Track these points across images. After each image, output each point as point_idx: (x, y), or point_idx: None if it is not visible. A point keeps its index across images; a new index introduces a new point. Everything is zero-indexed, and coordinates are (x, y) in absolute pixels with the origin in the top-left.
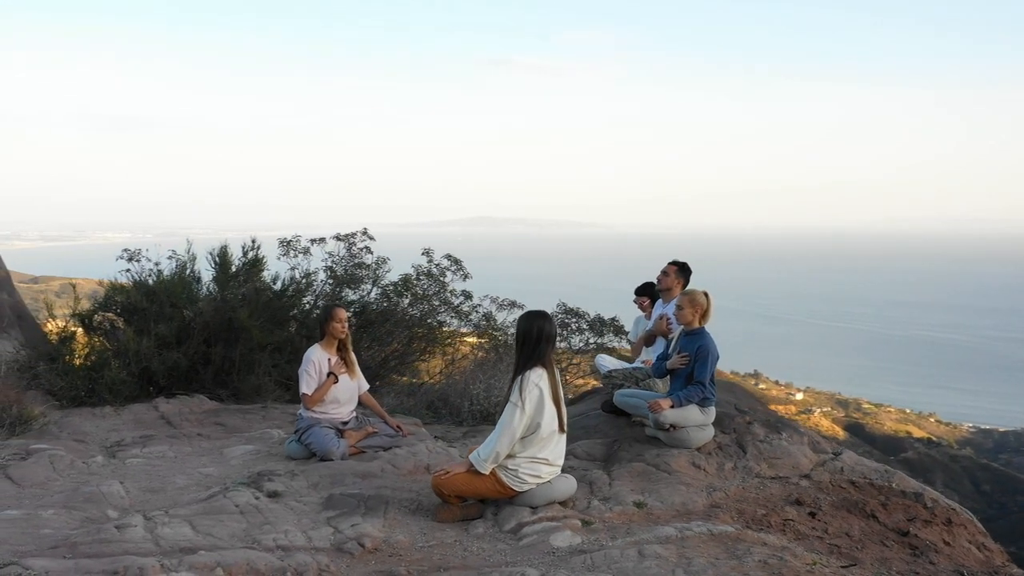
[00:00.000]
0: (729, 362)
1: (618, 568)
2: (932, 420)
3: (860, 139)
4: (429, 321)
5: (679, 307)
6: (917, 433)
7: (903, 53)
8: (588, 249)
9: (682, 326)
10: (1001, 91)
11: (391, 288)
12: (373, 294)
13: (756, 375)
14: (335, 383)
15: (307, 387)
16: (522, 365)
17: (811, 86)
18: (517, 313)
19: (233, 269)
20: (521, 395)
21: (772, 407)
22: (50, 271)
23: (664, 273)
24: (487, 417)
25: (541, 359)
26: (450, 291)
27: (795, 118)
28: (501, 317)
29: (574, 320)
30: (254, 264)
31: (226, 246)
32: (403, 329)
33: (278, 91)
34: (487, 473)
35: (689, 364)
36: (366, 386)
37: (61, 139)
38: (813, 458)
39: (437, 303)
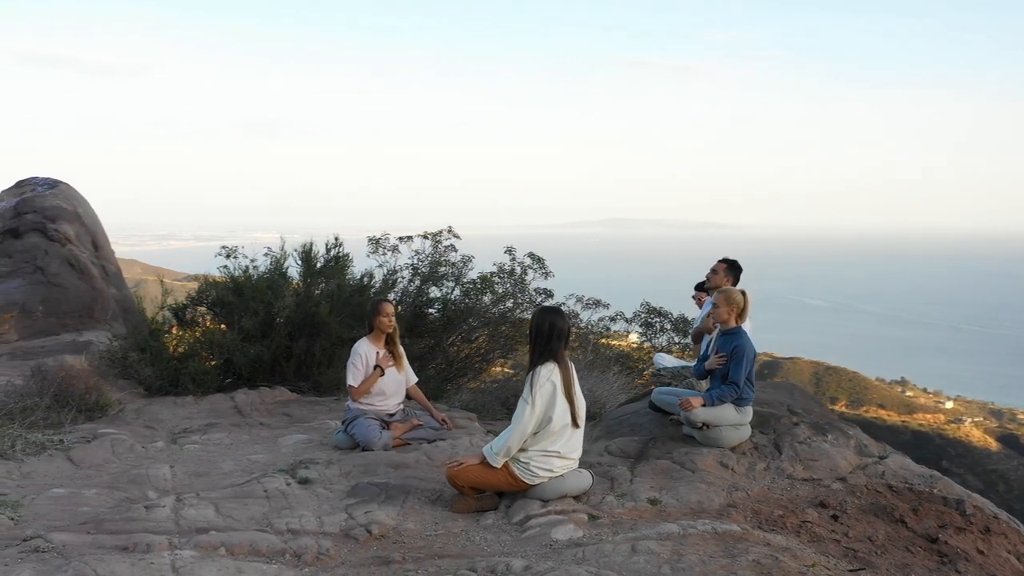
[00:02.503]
0: (874, 368)
1: (606, 562)
2: None
3: (995, 139)
4: (510, 318)
5: (715, 306)
6: None
7: None
8: (722, 250)
9: (720, 325)
10: None
11: (471, 286)
12: (456, 292)
13: (903, 382)
14: (381, 376)
15: (353, 379)
16: (535, 361)
17: (939, 92)
18: (602, 312)
19: (318, 266)
20: (532, 391)
21: (919, 416)
22: (202, 269)
23: (713, 271)
24: None
25: (554, 355)
26: (534, 290)
27: (929, 119)
28: (586, 316)
29: (658, 320)
30: (336, 261)
31: (311, 243)
32: (485, 326)
33: (414, 91)
34: (499, 466)
35: (726, 364)
36: (414, 379)
37: (213, 143)
38: (854, 461)
39: (514, 303)
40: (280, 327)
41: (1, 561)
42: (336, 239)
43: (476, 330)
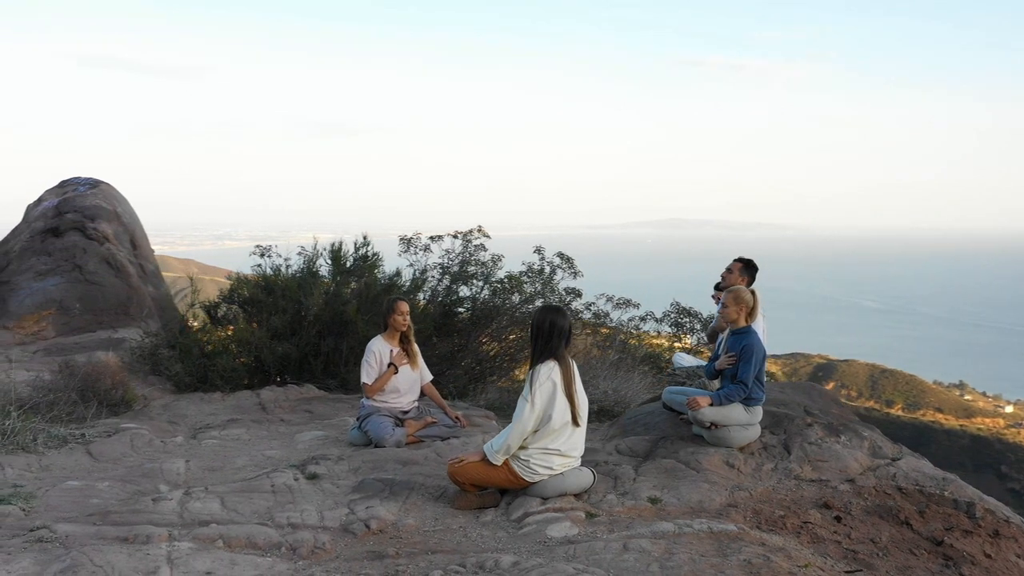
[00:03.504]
0: (931, 371)
1: (595, 559)
2: None
3: None
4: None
5: (724, 305)
6: None
7: None
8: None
9: (729, 325)
10: None
11: (498, 285)
12: (485, 291)
13: (961, 386)
14: (395, 373)
15: (367, 376)
16: (535, 359)
17: (997, 92)
18: (632, 312)
19: (347, 265)
20: (531, 389)
21: (978, 420)
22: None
23: (728, 270)
24: None
25: (554, 353)
26: (563, 289)
27: (988, 120)
28: (616, 316)
29: (687, 320)
30: (365, 260)
31: (341, 242)
32: (515, 326)
33: (470, 90)
34: (499, 464)
35: (735, 363)
36: (429, 377)
37: (271, 143)
38: (865, 462)
39: (544, 302)
40: (309, 325)
41: (5, 550)
42: (364, 238)
43: (505, 329)
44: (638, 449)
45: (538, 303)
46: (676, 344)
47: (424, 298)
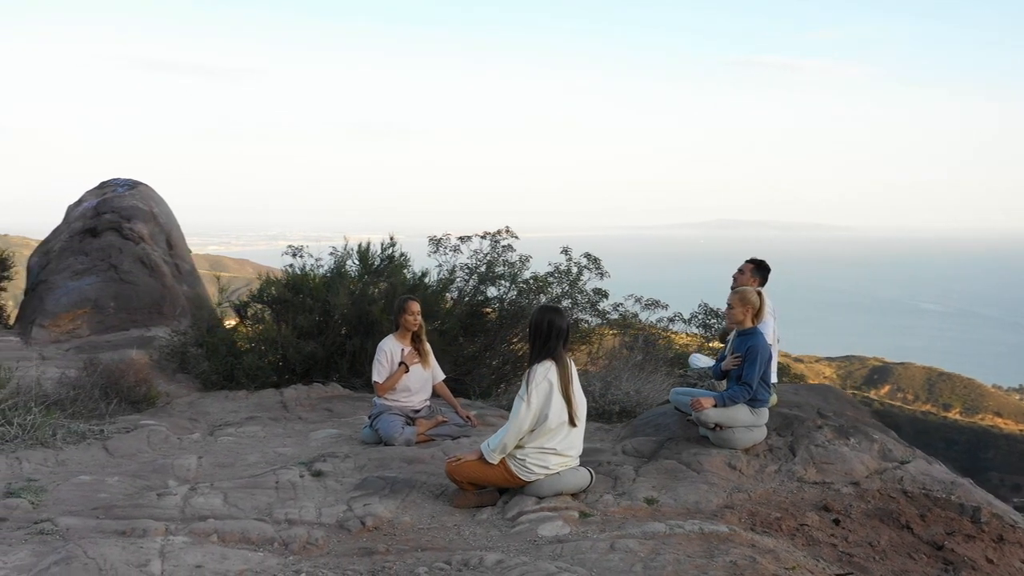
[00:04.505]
0: (991, 374)
1: (581, 559)
2: None
3: None
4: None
5: (729, 306)
6: None
7: None
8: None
9: (735, 326)
10: None
11: (523, 285)
12: (512, 292)
13: (1021, 390)
14: (406, 372)
15: (378, 375)
16: (533, 359)
17: None
18: (660, 313)
19: (374, 265)
20: (528, 389)
21: None
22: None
23: (740, 271)
24: (601, 415)
25: (552, 353)
26: (593, 290)
27: None
28: (644, 316)
29: (715, 321)
30: (391, 260)
31: (369, 243)
32: None
33: (520, 90)
34: (495, 463)
35: (740, 364)
36: (441, 376)
37: (325, 144)
38: (872, 465)
39: (572, 303)
40: (335, 325)
41: (7, 542)
42: (391, 239)
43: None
44: (643, 450)
45: (565, 303)
46: (707, 345)
47: (451, 299)
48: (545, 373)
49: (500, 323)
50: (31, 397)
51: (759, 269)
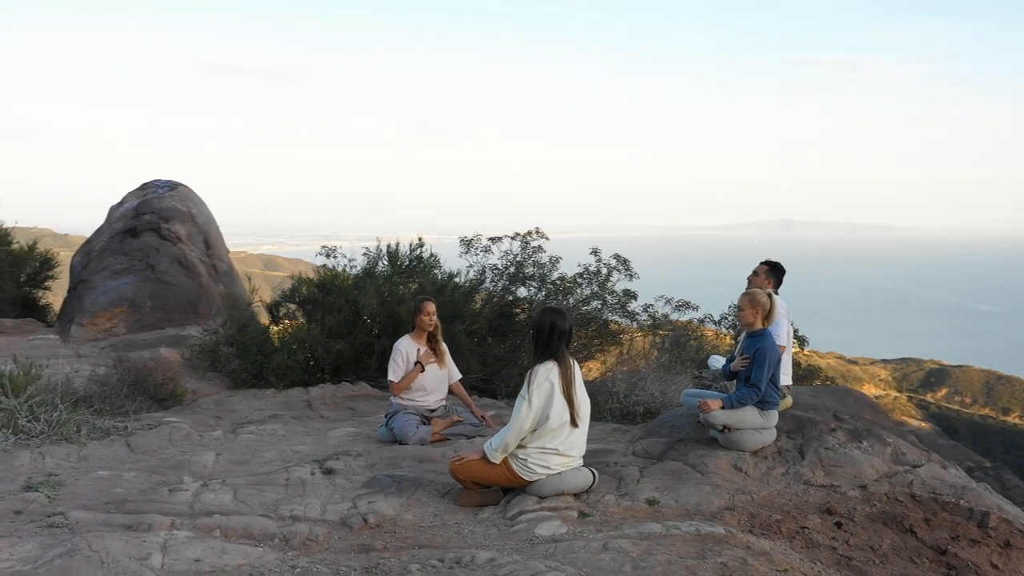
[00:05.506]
0: None
1: (572, 558)
2: None
3: None
4: (593, 317)
5: (739, 308)
6: None
7: None
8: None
9: (745, 327)
10: None
11: (551, 286)
12: (541, 293)
13: None
14: (421, 372)
15: (393, 375)
16: (535, 359)
17: None
18: (691, 314)
19: (402, 265)
20: (529, 389)
21: None
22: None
23: (755, 273)
24: (625, 416)
25: (554, 354)
26: (622, 291)
27: None
28: (675, 317)
29: None
30: (419, 261)
31: (398, 244)
32: (575, 326)
33: (573, 89)
34: (498, 462)
35: (749, 366)
36: (457, 376)
37: (378, 145)
38: (883, 469)
39: (602, 304)
40: (364, 324)
41: (17, 534)
42: (419, 240)
43: None
44: (653, 451)
45: (595, 304)
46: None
47: (481, 299)
48: (547, 374)
49: (529, 324)
50: (58, 394)
51: (773, 271)
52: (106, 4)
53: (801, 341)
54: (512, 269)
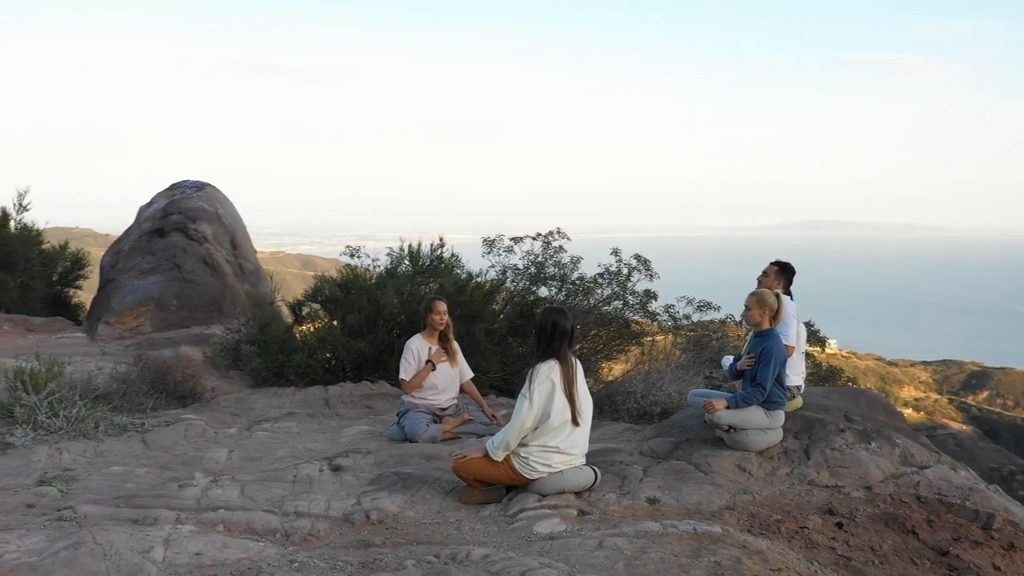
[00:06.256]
0: None
1: (566, 556)
2: None
3: None
4: (613, 316)
5: (747, 308)
6: None
7: None
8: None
9: (753, 327)
10: None
11: (570, 287)
12: (562, 293)
13: None
14: (433, 371)
15: (405, 373)
16: (537, 358)
17: None
18: (712, 314)
19: (424, 265)
20: (530, 388)
21: None
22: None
23: (764, 274)
24: (642, 416)
25: (556, 353)
26: (643, 292)
27: None
28: (697, 318)
29: None
30: (439, 261)
31: (419, 244)
32: (594, 326)
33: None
34: (499, 460)
35: (755, 366)
36: (469, 375)
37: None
38: (889, 469)
39: (623, 304)
40: (384, 324)
41: (26, 527)
42: (440, 240)
43: (587, 328)
44: (659, 450)
45: (616, 304)
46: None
47: (502, 299)
48: (548, 372)
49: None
50: (78, 391)
51: (783, 271)
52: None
53: (822, 342)
54: (533, 269)
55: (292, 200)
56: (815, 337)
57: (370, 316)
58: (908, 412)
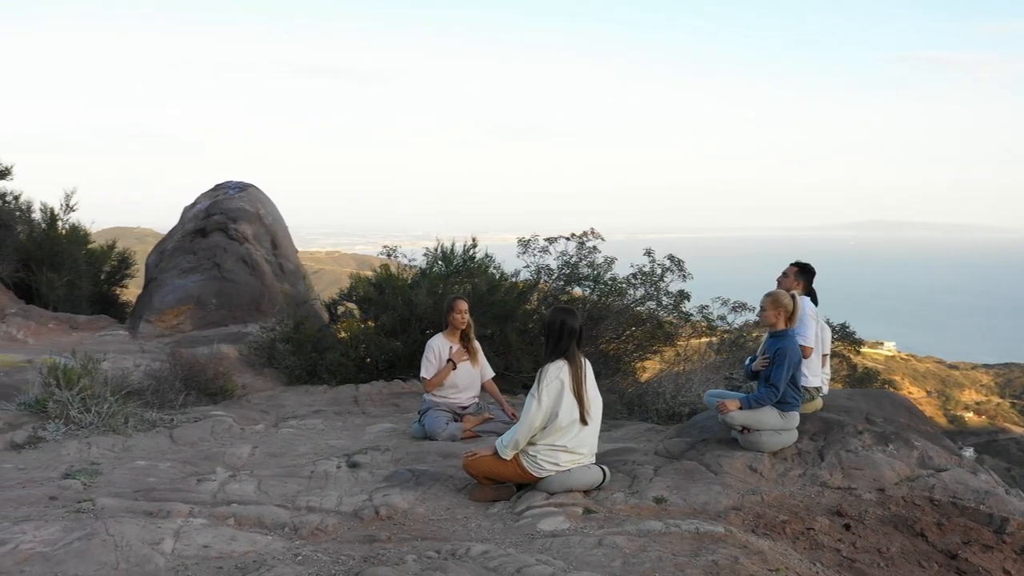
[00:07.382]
0: None
1: (565, 553)
2: None
3: None
4: (645, 316)
5: (762, 308)
6: None
7: None
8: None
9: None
10: None
11: (603, 287)
12: (595, 293)
13: None
14: (453, 369)
15: (426, 372)
16: (546, 357)
17: None
18: (747, 315)
19: (457, 265)
20: (539, 387)
21: None
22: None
23: (784, 275)
24: (671, 416)
25: (564, 352)
26: (676, 292)
27: None
28: (731, 318)
29: None
30: (471, 261)
31: (453, 244)
32: (627, 326)
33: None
34: (508, 459)
35: (768, 366)
36: (490, 374)
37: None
38: (904, 472)
39: (657, 304)
40: (416, 323)
41: (45, 518)
42: (473, 240)
43: (621, 327)
44: (674, 450)
45: (649, 304)
46: None
47: (536, 299)
48: (557, 372)
49: (588, 322)
50: (110, 387)
51: (803, 272)
52: (222, 4)
53: (858, 344)
54: (567, 270)
55: (350, 201)
56: (850, 339)
57: (404, 315)
58: (969, 416)
